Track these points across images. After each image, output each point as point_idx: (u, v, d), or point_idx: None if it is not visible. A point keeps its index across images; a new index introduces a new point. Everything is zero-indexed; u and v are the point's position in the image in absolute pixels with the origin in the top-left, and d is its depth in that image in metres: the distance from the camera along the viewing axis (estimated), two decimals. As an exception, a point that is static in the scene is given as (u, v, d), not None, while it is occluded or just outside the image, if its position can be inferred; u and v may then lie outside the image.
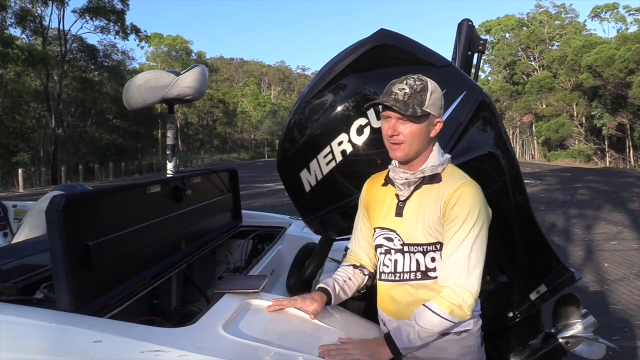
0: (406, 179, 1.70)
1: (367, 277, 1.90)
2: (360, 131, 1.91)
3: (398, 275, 1.73)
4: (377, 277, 1.84)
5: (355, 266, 1.90)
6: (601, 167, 35.64)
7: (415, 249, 1.69)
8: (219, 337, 1.56)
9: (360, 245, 1.89)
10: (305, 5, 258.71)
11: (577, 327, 2.08)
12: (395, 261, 1.73)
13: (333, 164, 1.95)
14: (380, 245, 1.78)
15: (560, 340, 2.06)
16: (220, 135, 71.40)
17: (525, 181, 1.71)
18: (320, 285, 1.84)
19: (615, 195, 15.87)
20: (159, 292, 2.47)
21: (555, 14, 54.13)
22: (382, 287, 1.81)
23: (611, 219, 11.10)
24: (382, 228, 1.77)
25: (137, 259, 2.16)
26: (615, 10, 47.18)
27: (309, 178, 2.03)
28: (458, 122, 1.94)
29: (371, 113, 1.90)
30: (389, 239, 1.75)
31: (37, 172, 31.01)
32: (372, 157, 1.91)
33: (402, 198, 1.72)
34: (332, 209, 2.04)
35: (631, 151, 37.79)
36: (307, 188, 2.05)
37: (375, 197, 1.81)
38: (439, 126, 1.69)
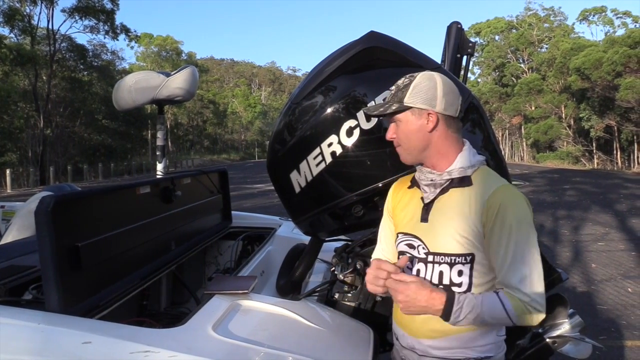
0: (431, 180, 1.55)
1: None
2: (350, 133, 1.92)
3: None
4: None
5: None
6: (589, 169, 35.96)
7: (442, 259, 1.51)
8: (208, 337, 1.56)
9: (388, 256, 1.71)
10: (296, 6, 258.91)
11: (564, 327, 2.09)
12: (418, 271, 1.55)
13: (323, 165, 1.96)
14: (402, 253, 1.61)
15: (548, 340, 2.08)
16: (210, 136, 71.15)
17: (514, 183, 1.71)
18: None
19: (603, 197, 16.03)
20: (149, 293, 2.47)
21: (544, 17, 54.62)
22: None
23: (599, 220, 11.21)
24: (405, 234, 1.61)
25: (126, 260, 2.15)
26: (603, 14, 47.78)
27: (298, 179, 2.04)
28: None
29: (361, 115, 1.90)
30: (411, 246, 1.58)
31: (25, 173, 30.75)
32: (362, 159, 1.92)
33: (426, 200, 1.56)
34: (322, 210, 2.05)
35: (618, 153, 38.20)
36: (297, 189, 2.06)
37: (401, 201, 1.67)
38: (433, 118, 1.51)
